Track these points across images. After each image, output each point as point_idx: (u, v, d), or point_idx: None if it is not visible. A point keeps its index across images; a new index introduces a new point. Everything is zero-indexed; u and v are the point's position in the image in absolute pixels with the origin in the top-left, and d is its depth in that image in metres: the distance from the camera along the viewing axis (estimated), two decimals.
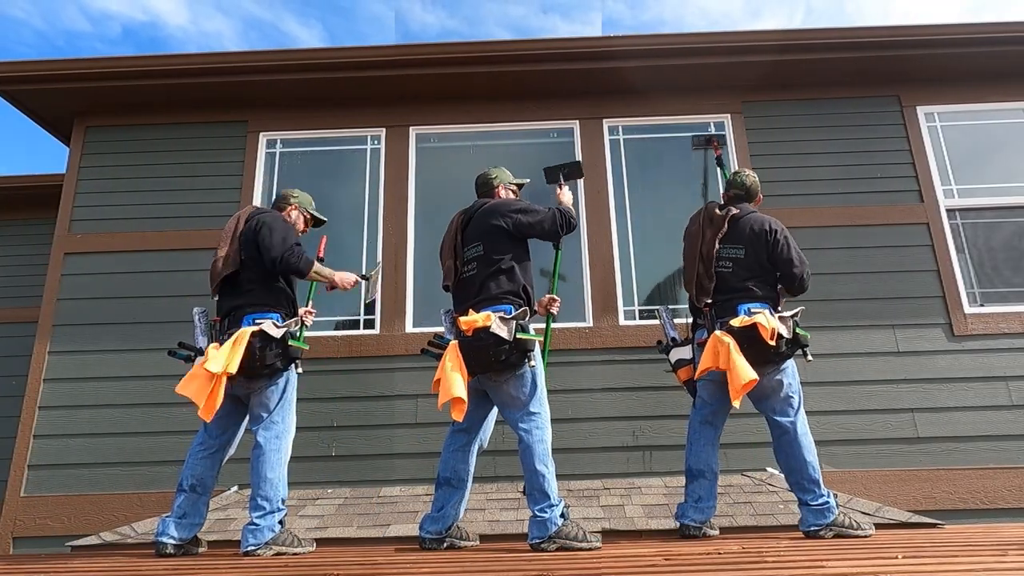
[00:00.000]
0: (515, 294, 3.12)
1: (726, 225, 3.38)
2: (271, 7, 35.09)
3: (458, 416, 2.91)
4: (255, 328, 3.09)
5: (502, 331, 2.96)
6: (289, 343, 3.15)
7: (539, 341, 3.12)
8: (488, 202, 3.31)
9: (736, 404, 3.09)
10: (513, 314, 3.05)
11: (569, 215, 3.26)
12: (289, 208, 3.58)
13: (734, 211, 3.43)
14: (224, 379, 2.99)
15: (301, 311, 3.41)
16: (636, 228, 4.98)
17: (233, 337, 3.04)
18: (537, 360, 3.08)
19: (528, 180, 3.69)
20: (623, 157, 5.17)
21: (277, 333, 3.13)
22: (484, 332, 2.96)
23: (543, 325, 3.72)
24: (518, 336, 2.98)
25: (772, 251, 3.31)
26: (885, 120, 5.15)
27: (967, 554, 2.41)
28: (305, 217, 3.65)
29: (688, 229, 3.58)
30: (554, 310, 3.57)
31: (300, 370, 3.25)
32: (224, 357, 2.97)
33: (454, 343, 3.03)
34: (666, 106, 5.22)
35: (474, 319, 2.99)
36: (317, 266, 3.34)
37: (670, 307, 3.77)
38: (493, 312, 3.01)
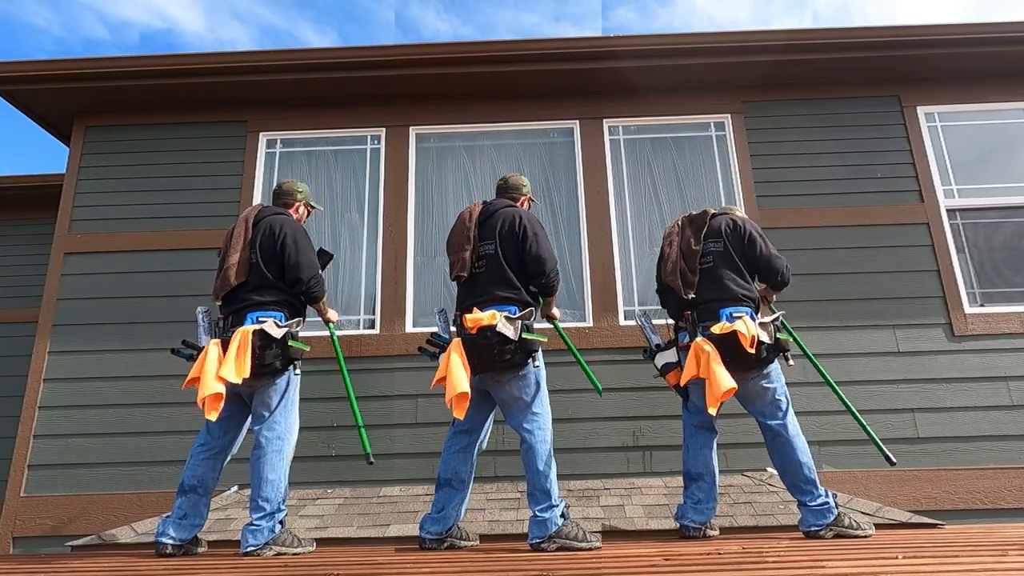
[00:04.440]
0: (520, 296, 3.13)
1: (707, 222, 3.43)
2: (287, 15, 35.32)
3: (460, 413, 2.91)
4: (256, 327, 3.08)
5: (508, 330, 2.97)
6: (289, 344, 3.15)
7: (544, 341, 3.11)
8: (513, 206, 3.33)
9: (712, 411, 3.09)
10: (518, 314, 3.05)
11: (558, 281, 3.25)
12: (297, 204, 3.60)
13: (712, 210, 3.51)
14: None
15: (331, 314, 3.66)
16: (636, 228, 4.98)
17: (236, 339, 3.03)
18: (540, 361, 3.08)
19: (537, 203, 3.72)
20: (623, 157, 5.17)
21: (278, 333, 3.12)
22: (490, 330, 2.97)
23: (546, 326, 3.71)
24: (523, 336, 2.99)
25: (748, 249, 3.35)
26: (886, 120, 5.15)
27: (967, 554, 2.41)
28: (308, 211, 3.71)
29: (665, 235, 3.59)
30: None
31: (298, 372, 3.23)
32: (234, 366, 2.96)
33: (457, 340, 3.03)
34: (666, 106, 5.22)
35: (479, 317, 2.99)
36: (325, 299, 3.51)
37: (647, 312, 3.75)
38: (499, 311, 3.02)
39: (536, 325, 3.18)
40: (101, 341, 4.70)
